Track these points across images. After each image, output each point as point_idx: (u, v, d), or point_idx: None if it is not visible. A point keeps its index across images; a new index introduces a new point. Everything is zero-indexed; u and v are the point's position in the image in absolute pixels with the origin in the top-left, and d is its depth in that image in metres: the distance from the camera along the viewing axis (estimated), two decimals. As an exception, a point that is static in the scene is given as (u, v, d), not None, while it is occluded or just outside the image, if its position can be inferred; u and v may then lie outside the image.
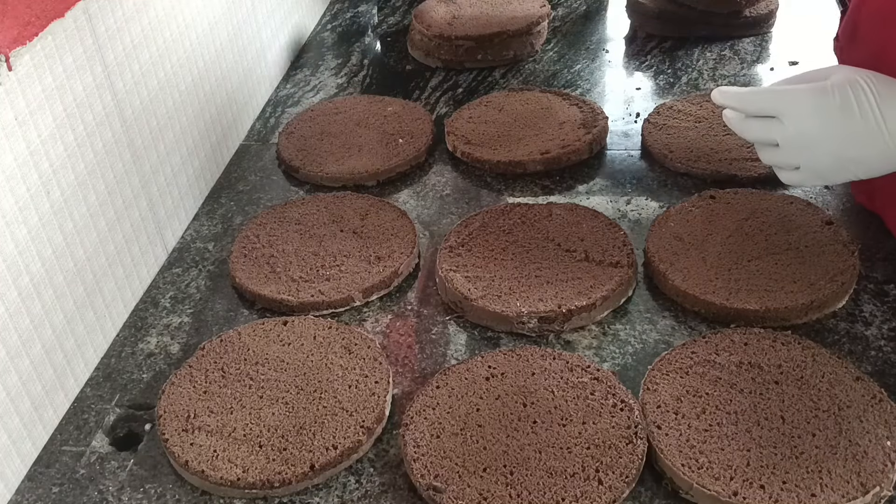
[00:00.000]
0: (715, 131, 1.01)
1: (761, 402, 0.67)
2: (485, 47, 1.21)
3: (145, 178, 0.88)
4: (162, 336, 0.82)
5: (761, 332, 0.73)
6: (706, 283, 0.79)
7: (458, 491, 0.63)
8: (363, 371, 0.74)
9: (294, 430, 0.69)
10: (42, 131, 0.71)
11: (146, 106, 0.88)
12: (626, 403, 0.68)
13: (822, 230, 0.84)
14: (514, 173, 0.99)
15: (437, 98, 1.17)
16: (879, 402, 0.66)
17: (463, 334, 0.80)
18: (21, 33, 0.67)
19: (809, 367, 0.70)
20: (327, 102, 1.15)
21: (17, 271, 0.69)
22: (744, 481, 0.62)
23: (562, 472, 0.63)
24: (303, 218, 0.93)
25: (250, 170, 1.06)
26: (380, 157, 1.02)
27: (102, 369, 0.79)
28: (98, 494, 0.68)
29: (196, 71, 0.98)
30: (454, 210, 0.96)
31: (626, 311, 0.80)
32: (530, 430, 0.67)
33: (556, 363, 0.72)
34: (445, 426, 0.68)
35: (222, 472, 0.66)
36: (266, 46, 1.19)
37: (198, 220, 0.98)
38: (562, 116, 1.06)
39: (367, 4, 1.46)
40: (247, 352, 0.77)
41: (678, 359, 0.72)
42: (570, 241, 0.85)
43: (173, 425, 0.70)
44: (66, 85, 0.74)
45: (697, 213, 0.88)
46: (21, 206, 0.69)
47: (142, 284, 0.88)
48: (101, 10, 0.79)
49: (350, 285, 0.83)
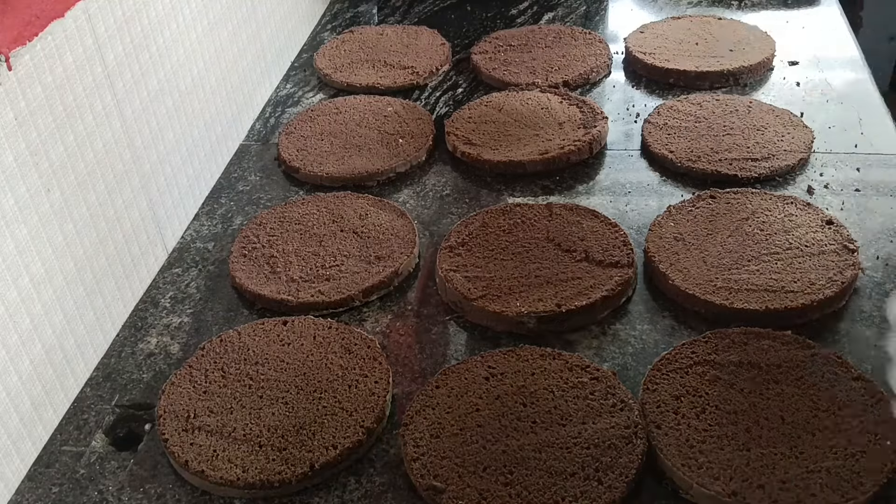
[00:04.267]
0: (715, 131, 1.01)
1: (761, 402, 0.67)
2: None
3: (145, 178, 0.88)
4: (162, 336, 0.82)
5: (761, 332, 0.73)
6: (706, 283, 0.79)
7: (458, 491, 0.63)
8: (363, 371, 0.74)
9: (294, 430, 0.69)
10: (42, 131, 0.71)
11: (146, 106, 0.88)
12: (625, 403, 0.68)
13: (822, 230, 0.84)
14: (514, 173, 0.99)
15: (437, 98, 1.17)
16: (879, 401, 0.66)
17: (463, 334, 0.80)
18: (21, 33, 0.67)
19: (809, 367, 0.70)
20: (327, 102, 1.15)
21: (17, 271, 0.69)
22: (743, 481, 0.62)
23: (561, 472, 0.63)
24: (303, 218, 0.93)
25: (250, 170, 1.06)
26: (380, 157, 1.02)
27: (102, 369, 0.79)
28: (98, 494, 0.68)
29: (196, 71, 0.98)
30: (454, 210, 0.96)
31: (626, 311, 0.80)
32: (530, 430, 0.67)
33: (556, 363, 0.73)
34: (445, 426, 0.68)
35: (222, 472, 0.66)
36: (266, 46, 1.19)
37: (198, 220, 0.98)
38: (562, 116, 1.06)
39: (367, 4, 1.46)
40: (247, 352, 0.77)
41: (678, 359, 0.72)
42: (570, 241, 0.85)
43: (173, 425, 0.70)
44: (66, 85, 0.74)
45: (697, 213, 0.88)
46: (21, 206, 0.69)
47: (142, 284, 0.88)
48: (101, 10, 0.79)
49: (350, 285, 0.83)
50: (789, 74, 1.14)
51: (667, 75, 1.14)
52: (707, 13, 1.30)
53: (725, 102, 1.06)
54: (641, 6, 1.37)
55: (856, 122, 1.03)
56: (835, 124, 1.03)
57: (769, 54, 1.15)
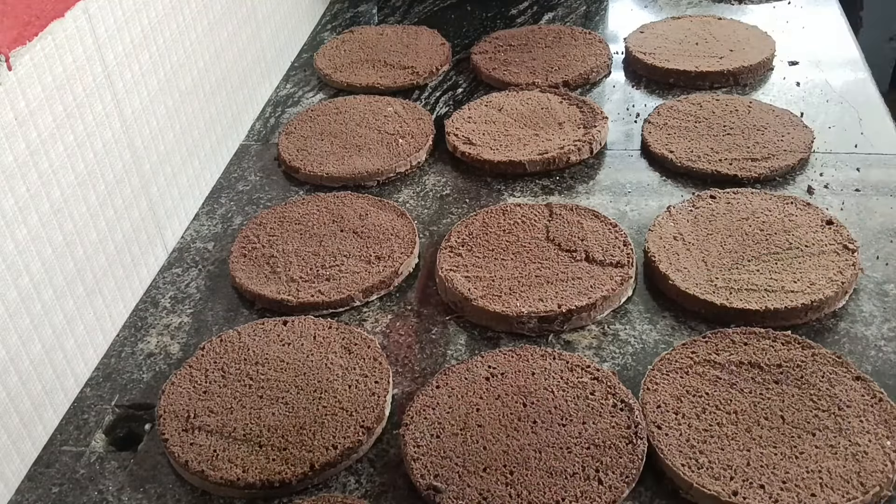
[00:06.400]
0: (715, 131, 1.01)
1: (761, 402, 0.67)
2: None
3: (145, 178, 0.88)
4: (162, 336, 0.82)
5: (761, 332, 0.73)
6: (706, 283, 0.79)
7: (458, 491, 0.63)
8: (363, 371, 0.74)
9: (294, 430, 0.69)
10: (42, 131, 0.71)
11: (146, 106, 0.88)
12: (626, 403, 0.68)
13: (822, 230, 0.84)
14: (513, 173, 0.99)
15: (437, 98, 1.17)
16: (879, 401, 0.66)
17: (463, 334, 0.80)
18: (21, 33, 0.67)
19: (809, 367, 0.70)
20: (327, 102, 1.15)
21: (17, 271, 0.69)
22: (744, 481, 0.62)
23: (562, 472, 0.63)
24: (303, 218, 0.93)
25: (250, 170, 1.06)
26: (380, 157, 1.02)
27: (102, 369, 0.79)
28: (98, 494, 0.68)
29: (196, 71, 0.98)
30: (454, 210, 0.96)
31: (626, 311, 0.80)
32: (530, 430, 0.67)
33: (556, 363, 0.72)
34: (445, 426, 0.68)
35: (222, 472, 0.66)
36: (266, 46, 1.19)
37: (198, 220, 0.98)
38: (562, 116, 1.06)
39: (367, 4, 1.46)
40: (247, 352, 0.77)
41: (678, 359, 0.72)
42: (570, 241, 0.85)
43: (173, 425, 0.70)
44: (66, 85, 0.74)
45: (697, 213, 0.88)
46: (21, 206, 0.69)
47: (142, 284, 0.88)
48: (101, 10, 0.79)
49: (350, 285, 0.83)
50: (789, 74, 1.14)
51: (667, 75, 1.14)
52: (707, 13, 1.30)
53: (725, 102, 1.06)
54: (641, 6, 1.37)
55: (856, 122, 1.03)
56: (835, 124, 1.03)
57: (769, 54, 1.15)
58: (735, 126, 1.01)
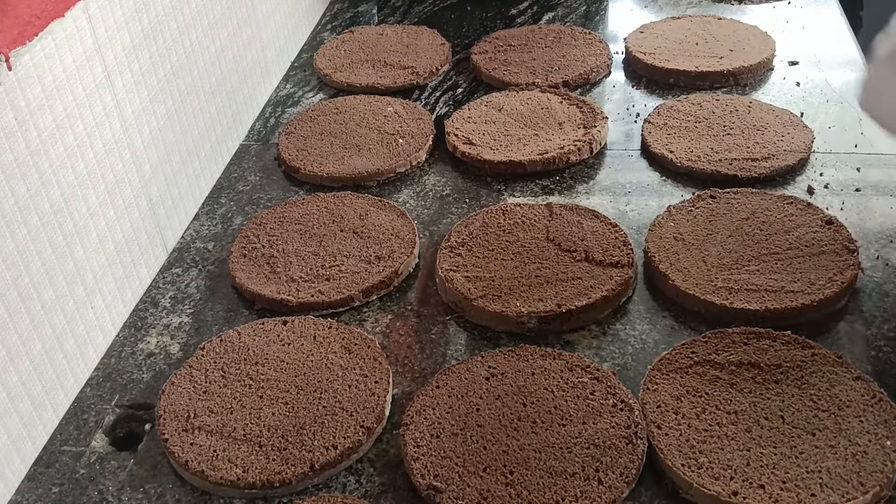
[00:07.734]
0: (715, 131, 1.01)
1: (761, 402, 0.67)
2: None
3: (145, 178, 0.88)
4: (162, 336, 0.82)
5: (761, 332, 0.73)
6: (706, 283, 0.79)
7: (458, 491, 0.63)
8: (363, 371, 0.74)
9: (294, 430, 0.69)
10: (42, 131, 0.71)
11: (146, 106, 0.88)
12: (626, 403, 0.68)
13: (822, 230, 0.84)
14: (513, 173, 0.99)
15: (437, 98, 1.17)
16: (879, 401, 0.66)
17: (463, 334, 0.80)
18: (21, 33, 0.67)
19: (809, 367, 0.70)
20: (327, 102, 1.15)
21: (17, 271, 0.69)
22: (744, 481, 0.62)
23: (562, 472, 0.63)
24: (303, 218, 0.93)
25: (250, 170, 1.06)
26: (380, 157, 1.02)
27: (102, 369, 0.79)
28: (98, 494, 0.68)
29: (196, 71, 0.98)
30: (454, 210, 0.96)
31: (626, 311, 0.80)
32: (530, 430, 0.67)
33: (556, 363, 0.73)
34: (445, 426, 0.68)
35: (222, 472, 0.66)
36: (266, 46, 1.19)
37: (198, 221, 0.98)
38: (562, 116, 1.06)
39: (367, 4, 1.46)
40: (247, 352, 0.77)
41: (678, 359, 0.72)
42: (570, 241, 0.85)
43: (173, 425, 0.70)
44: (66, 85, 0.74)
45: (697, 213, 0.88)
46: (21, 206, 0.69)
47: (142, 284, 0.88)
48: (101, 10, 0.79)
49: (350, 285, 0.83)
50: (789, 74, 1.14)
51: (667, 75, 1.14)
52: (707, 13, 1.30)
53: (725, 102, 1.06)
54: (641, 6, 1.37)
55: (856, 122, 1.03)
56: (835, 124, 1.03)
57: (769, 54, 1.15)
58: (735, 126, 1.01)
